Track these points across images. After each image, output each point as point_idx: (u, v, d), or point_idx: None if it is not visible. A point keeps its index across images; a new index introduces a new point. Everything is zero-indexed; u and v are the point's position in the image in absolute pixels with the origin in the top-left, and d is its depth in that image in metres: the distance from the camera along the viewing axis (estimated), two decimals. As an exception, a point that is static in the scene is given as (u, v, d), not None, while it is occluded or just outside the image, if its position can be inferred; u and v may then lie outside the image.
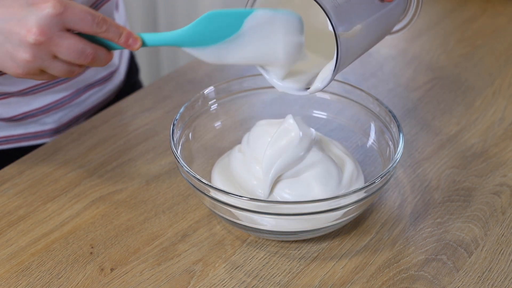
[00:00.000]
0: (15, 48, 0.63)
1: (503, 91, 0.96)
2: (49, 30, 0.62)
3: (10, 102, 0.87)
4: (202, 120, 0.79)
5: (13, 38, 0.62)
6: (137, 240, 0.72)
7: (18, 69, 0.64)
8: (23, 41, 0.62)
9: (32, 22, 0.61)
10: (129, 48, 0.65)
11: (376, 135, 0.78)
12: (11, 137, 0.90)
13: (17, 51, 0.63)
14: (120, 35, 0.64)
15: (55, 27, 0.62)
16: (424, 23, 1.16)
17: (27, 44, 0.62)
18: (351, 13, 0.65)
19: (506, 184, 0.79)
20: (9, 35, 0.62)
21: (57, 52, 0.63)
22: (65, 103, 0.92)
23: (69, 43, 0.63)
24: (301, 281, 0.67)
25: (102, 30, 0.63)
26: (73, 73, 0.66)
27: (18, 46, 0.63)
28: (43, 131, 0.92)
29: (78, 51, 0.63)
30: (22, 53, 0.63)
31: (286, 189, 0.71)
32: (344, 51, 0.64)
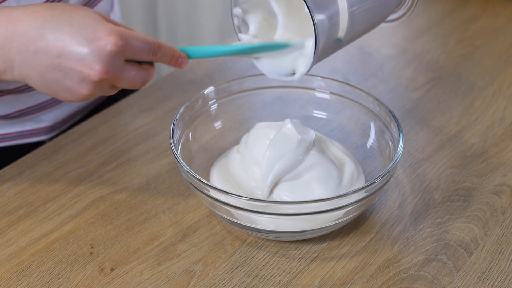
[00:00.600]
0: (75, 85, 0.63)
1: (503, 91, 0.96)
2: (112, 67, 0.62)
3: (6, 100, 0.87)
4: (202, 120, 0.79)
5: (73, 75, 0.62)
6: (137, 240, 0.72)
7: (76, 99, 0.65)
8: (85, 78, 0.62)
9: (95, 60, 0.61)
10: (179, 67, 0.66)
11: (376, 135, 0.78)
12: (7, 135, 0.90)
13: (77, 87, 0.63)
14: (172, 58, 0.66)
15: (117, 63, 0.62)
16: (424, 23, 1.16)
17: (89, 82, 0.62)
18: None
19: (506, 184, 0.79)
20: (69, 72, 0.62)
21: (118, 84, 0.64)
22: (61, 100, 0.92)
23: (129, 76, 0.64)
24: (301, 281, 0.67)
25: (157, 57, 0.64)
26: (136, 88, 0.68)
27: (78, 83, 0.63)
28: (39, 128, 0.92)
29: (136, 81, 0.64)
30: (83, 89, 0.63)
31: (285, 191, 0.71)
32: (321, 34, 0.63)
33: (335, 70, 1.01)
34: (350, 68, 1.02)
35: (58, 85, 0.64)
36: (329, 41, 0.65)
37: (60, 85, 0.64)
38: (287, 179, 0.71)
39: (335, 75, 0.99)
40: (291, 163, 0.71)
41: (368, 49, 1.06)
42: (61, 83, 0.63)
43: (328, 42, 0.65)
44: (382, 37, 1.11)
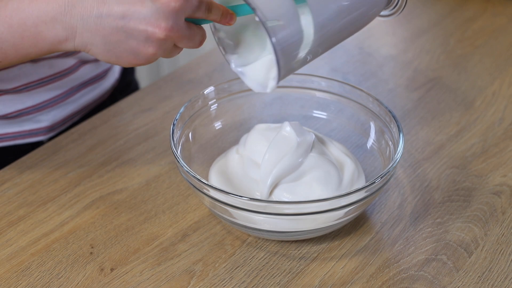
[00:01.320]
0: (140, 45, 0.64)
1: (503, 91, 0.96)
2: (176, 24, 0.63)
3: (4, 100, 0.87)
4: (202, 120, 0.79)
5: (138, 35, 0.63)
6: (137, 240, 0.72)
7: (140, 61, 0.66)
8: (151, 37, 0.63)
9: (159, 18, 0.62)
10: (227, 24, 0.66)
11: (376, 135, 0.78)
12: (5, 135, 0.90)
13: (143, 47, 0.64)
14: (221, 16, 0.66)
15: (180, 20, 0.63)
16: (424, 23, 1.16)
17: (155, 40, 0.63)
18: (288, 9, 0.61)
19: (506, 184, 0.79)
20: (134, 32, 0.63)
21: (180, 43, 0.65)
22: (60, 101, 0.92)
23: (190, 34, 0.65)
24: (301, 281, 0.67)
25: (212, 14, 0.65)
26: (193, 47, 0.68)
27: (144, 42, 0.64)
28: (38, 128, 0.92)
29: (197, 40, 0.66)
30: (148, 48, 0.64)
31: (285, 193, 0.71)
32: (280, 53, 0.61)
33: (335, 70, 1.01)
34: (350, 68, 1.02)
35: (122, 47, 0.64)
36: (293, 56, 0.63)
37: (124, 47, 0.64)
38: (286, 181, 0.71)
39: (335, 75, 0.99)
40: (290, 166, 0.71)
41: (368, 49, 1.06)
42: (125, 45, 0.64)
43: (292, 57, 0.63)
44: (382, 37, 1.11)
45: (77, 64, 0.92)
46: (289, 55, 0.62)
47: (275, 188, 0.71)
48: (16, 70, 0.85)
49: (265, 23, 0.60)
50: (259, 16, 0.59)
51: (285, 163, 0.71)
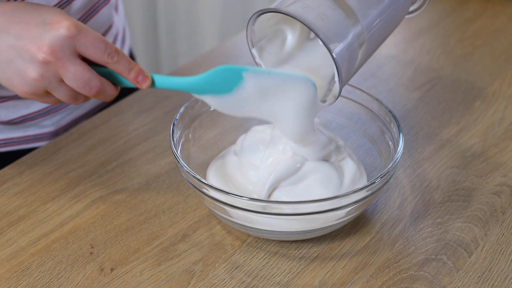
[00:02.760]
0: (25, 65, 0.64)
1: (503, 91, 0.96)
2: (59, 51, 0.62)
3: (9, 106, 0.87)
4: (202, 120, 0.79)
5: (24, 54, 0.63)
6: (137, 240, 0.72)
7: (25, 87, 0.65)
8: (33, 58, 0.63)
9: (45, 41, 0.62)
10: (138, 86, 0.65)
11: (376, 135, 0.78)
12: (10, 140, 0.90)
13: (27, 68, 0.64)
14: (130, 70, 0.65)
15: (66, 49, 0.63)
16: (424, 23, 1.16)
17: (36, 62, 0.63)
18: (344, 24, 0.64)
19: (506, 184, 0.79)
20: (21, 51, 0.63)
21: (64, 77, 0.64)
22: (64, 106, 0.92)
23: (76, 70, 0.63)
24: (301, 281, 0.67)
25: (113, 61, 0.64)
26: (77, 101, 0.67)
27: (28, 63, 0.63)
28: (42, 133, 0.92)
29: (84, 80, 0.64)
30: (31, 71, 0.63)
31: (283, 197, 0.71)
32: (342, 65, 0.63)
33: (335, 70, 1.01)
34: (350, 68, 1.02)
35: (11, 67, 0.64)
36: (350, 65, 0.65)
37: (13, 67, 0.64)
38: (285, 184, 0.71)
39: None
40: (289, 169, 0.71)
41: (368, 49, 1.06)
42: (14, 64, 0.64)
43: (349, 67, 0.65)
44: (382, 37, 1.11)
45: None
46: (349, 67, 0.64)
47: (274, 190, 0.71)
48: None
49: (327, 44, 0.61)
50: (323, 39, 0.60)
51: (284, 167, 0.70)
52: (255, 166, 0.72)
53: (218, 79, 0.66)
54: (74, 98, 0.66)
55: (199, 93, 0.67)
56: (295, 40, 0.69)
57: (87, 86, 0.64)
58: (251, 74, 0.66)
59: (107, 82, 0.65)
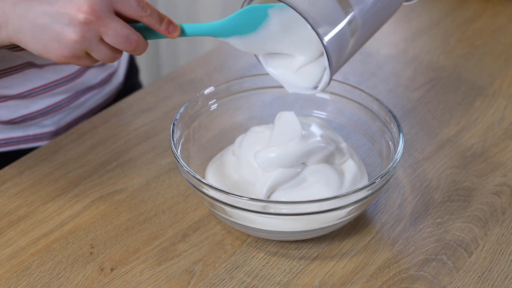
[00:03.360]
0: (63, 28, 0.62)
1: (503, 91, 0.96)
2: (99, 9, 0.62)
3: (9, 105, 0.87)
4: (202, 120, 0.79)
5: (62, 18, 0.62)
6: (137, 240, 0.72)
7: (64, 51, 0.64)
8: (73, 20, 0.62)
9: (82, 1, 0.61)
10: (169, 36, 0.65)
11: (376, 135, 0.78)
12: (10, 140, 0.90)
13: (66, 31, 0.62)
14: (162, 21, 0.65)
15: (104, 7, 0.62)
16: (424, 23, 1.16)
17: (77, 23, 0.62)
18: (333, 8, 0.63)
19: (506, 184, 0.79)
20: (57, 15, 0.62)
21: (105, 34, 0.63)
22: (64, 105, 0.92)
23: (116, 26, 0.63)
24: (301, 281, 0.67)
25: (147, 14, 0.64)
26: (115, 59, 0.66)
27: (67, 26, 0.62)
28: (43, 133, 0.92)
29: (125, 36, 0.63)
30: (71, 33, 0.62)
31: (283, 199, 0.70)
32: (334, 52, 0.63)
33: (335, 70, 1.01)
34: (350, 68, 1.02)
35: (47, 32, 0.63)
36: (341, 51, 0.64)
37: (49, 32, 0.63)
38: (284, 187, 0.71)
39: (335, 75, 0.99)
40: (288, 174, 0.70)
41: (368, 49, 1.06)
42: (50, 29, 0.63)
43: (340, 53, 0.64)
44: (382, 37, 1.11)
45: (82, 68, 0.92)
46: (339, 52, 0.63)
47: (273, 192, 0.71)
48: (20, 76, 0.85)
49: (315, 28, 0.60)
50: (310, 22, 0.60)
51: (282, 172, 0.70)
52: (254, 167, 0.72)
53: (245, 19, 0.66)
54: (113, 56, 0.66)
55: (225, 36, 0.67)
56: None
57: (127, 41, 0.64)
58: (276, 10, 0.66)
59: (141, 37, 0.65)
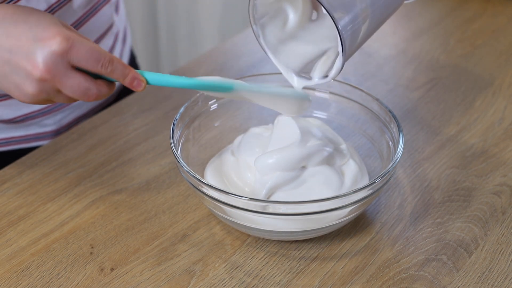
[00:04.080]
0: (21, 81, 0.63)
1: (503, 91, 0.96)
2: (54, 67, 0.62)
3: (11, 104, 0.87)
4: (202, 120, 0.79)
5: (19, 71, 0.63)
6: (137, 240, 0.72)
7: (25, 99, 0.65)
8: (29, 76, 0.63)
9: (39, 58, 0.62)
10: (134, 89, 0.66)
11: (376, 135, 0.78)
12: (11, 139, 0.90)
13: (23, 84, 0.63)
14: (126, 77, 0.65)
15: (60, 65, 0.62)
16: (424, 23, 1.16)
17: (33, 79, 0.63)
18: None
19: (506, 184, 0.79)
20: (16, 67, 0.63)
21: (61, 89, 0.64)
22: (65, 105, 0.92)
23: (72, 83, 0.63)
24: (301, 281, 0.67)
25: (107, 71, 0.64)
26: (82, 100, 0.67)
27: (24, 79, 0.63)
28: (44, 133, 0.92)
29: (82, 91, 0.64)
30: (28, 87, 0.63)
31: (283, 199, 0.70)
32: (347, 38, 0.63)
33: (335, 70, 1.01)
34: (350, 68, 1.02)
35: (8, 80, 0.64)
36: (354, 38, 0.65)
37: (9, 80, 0.64)
38: (285, 188, 0.71)
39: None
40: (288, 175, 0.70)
41: (368, 50, 1.06)
42: (10, 78, 0.64)
43: (353, 39, 0.65)
44: (382, 37, 1.11)
45: None
46: (353, 39, 0.65)
47: (272, 196, 0.71)
48: None
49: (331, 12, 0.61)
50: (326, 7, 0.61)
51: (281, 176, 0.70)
52: (253, 169, 0.72)
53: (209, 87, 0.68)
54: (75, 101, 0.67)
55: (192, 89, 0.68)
56: (297, 19, 0.70)
57: (85, 95, 0.64)
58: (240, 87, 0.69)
59: (103, 84, 0.65)
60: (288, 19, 0.70)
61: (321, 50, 0.70)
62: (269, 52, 0.71)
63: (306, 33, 0.70)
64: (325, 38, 0.69)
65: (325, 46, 0.70)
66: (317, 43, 0.70)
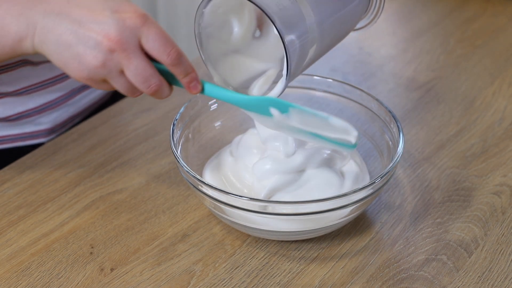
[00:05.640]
0: (86, 51, 0.62)
1: (503, 91, 0.96)
2: (126, 39, 0.61)
3: (5, 102, 0.87)
4: (202, 120, 0.79)
5: (87, 40, 0.62)
6: (137, 240, 0.72)
7: (83, 72, 0.64)
8: (98, 45, 0.62)
9: (113, 29, 0.61)
10: (188, 90, 0.65)
11: (376, 135, 0.78)
12: (6, 137, 0.90)
13: (88, 55, 0.62)
14: (186, 75, 0.64)
15: (132, 40, 0.62)
16: (424, 23, 1.16)
17: (101, 49, 0.62)
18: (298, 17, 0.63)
19: (506, 184, 0.79)
20: (84, 37, 0.62)
21: (126, 68, 0.63)
22: (60, 103, 0.92)
23: (138, 63, 0.62)
24: (301, 281, 0.67)
25: (173, 62, 0.63)
26: (133, 94, 0.66)
27: (90, 49, 0.62)
28: (39, 131, 0.92)
29: (145, 76, 0.63)
30: (92, 58, 0.62)
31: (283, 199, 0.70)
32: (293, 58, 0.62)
33: (335, 70, 1.01)
34: (350, 68, 1.02)
35: (70, 51, 0.63)
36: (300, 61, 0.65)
37: (71, 51, 0.63)
38: (284, 191, 0.71)
39: (335, 75, 0.99)
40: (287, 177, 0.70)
41: (368, 49, 1.06)
42: (73, 49, 0.63)
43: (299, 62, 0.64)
44: (382, 37, 1.11)
45: None
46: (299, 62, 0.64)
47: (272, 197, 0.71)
48: (16, 73, 0.85)
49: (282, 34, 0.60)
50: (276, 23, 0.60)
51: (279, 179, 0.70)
52: (251, 170, 0.72)
53: (265, 105, 0.66)
54: (131, 90, 0.65)
55: (244, 109, 0.67)
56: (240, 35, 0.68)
57: (146, 82, 0.63)
58: (297, 110, 0.66)
59: (165, 82, 0.65)
60: (232, 33, 0.68)
61: (261, 69, 0.69)
62: (208, 63, 0.69)
63: (247, 49, 0.69)
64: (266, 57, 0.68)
65: (265, 66, 0.69)
66: (258, 61, 0.69)
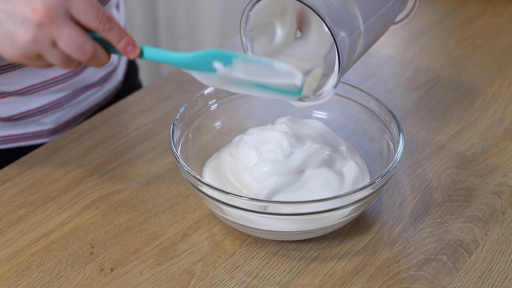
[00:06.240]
0: (16, 28, 0.62)
1: (503, 91, 0.96)
2: (54, 11, 0.60)
3: (8, 102, 0.87)
4: (202, 120, 0.79)
5: (16, 16, 0.61)
6: (137, 240, 0.72)
7: (15, 50, 0.63)
8: (26, 20, 0.61)
9: (38, 1, 0.60)
10: (126, 55, 0.64)
11: (376, 135, 0.78)
12: (9, 137, 0.90)
13: (18, 31, 0.62)
14: (121, 39, 0.64)
15: (60, 11, 0.61)
16: (424, 23, 1.16)
17: (30, 23, 0.61)
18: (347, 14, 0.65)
19: (506, 184, 0.79)
20: (12, 14, 0.61)
21: (58, 39, 0.62)
22: (63, 103, 0.92)
23: (70, 32, 0.62)
24: (301, 281, 0.67)
25: (104, 28, 0.62)
26: (70, 65, 0.65)
27: (20, 25, 0.61)
28: (42, 131, 0.92)
29: (78, 44, 0.62)
30: (23, 33, 0.62)
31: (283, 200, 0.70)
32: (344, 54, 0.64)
33: (335, 70, 1.01)
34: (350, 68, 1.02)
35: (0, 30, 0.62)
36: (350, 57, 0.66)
37: (2, 30, 0.62)
38: (284, 192, 0.71)
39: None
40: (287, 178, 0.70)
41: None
42: (3, 27, 0.62)
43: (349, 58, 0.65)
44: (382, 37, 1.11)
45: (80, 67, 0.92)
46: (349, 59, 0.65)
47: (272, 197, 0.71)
48: (19, 73, 0.85)
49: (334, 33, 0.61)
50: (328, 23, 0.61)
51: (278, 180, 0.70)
52: (249, 170, 0.72)
53: (208, 60, 0.65)
54: (67, 62, 0.64)
55: (186, 68, 0.66)
56: (283, 36, 0.70)
57: (80, 50, 0.62)
58: (241, 60, 0.65)
59: (100, 48, 0.64)
60: (275, 35, 0.69)
61: (306, 68, 0.69)
62: None
63: (290, 50, 0.70)
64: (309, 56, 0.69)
65: (309, 65, 0.69)
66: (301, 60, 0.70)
